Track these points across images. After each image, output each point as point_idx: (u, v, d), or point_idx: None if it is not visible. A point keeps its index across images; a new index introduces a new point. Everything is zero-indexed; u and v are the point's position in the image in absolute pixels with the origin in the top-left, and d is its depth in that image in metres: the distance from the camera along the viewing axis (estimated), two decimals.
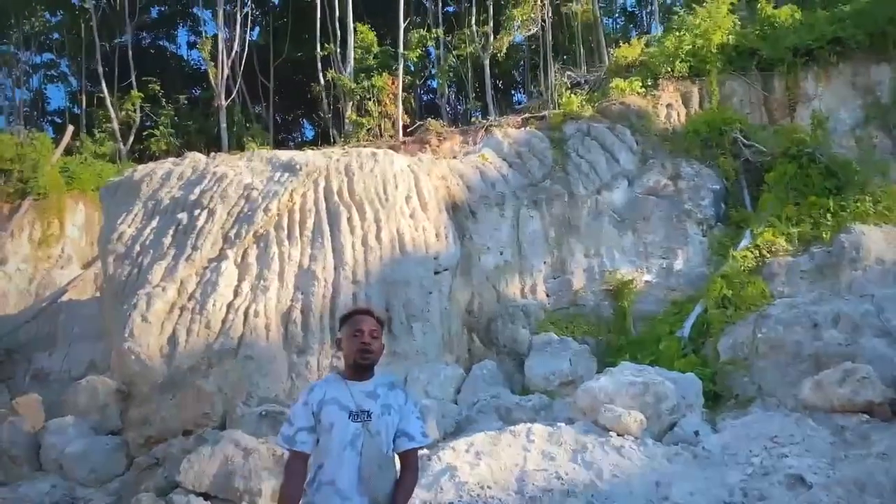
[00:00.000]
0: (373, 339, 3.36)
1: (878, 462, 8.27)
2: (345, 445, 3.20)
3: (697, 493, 8.34)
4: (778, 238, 14.51)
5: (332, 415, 3.24)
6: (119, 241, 14.40)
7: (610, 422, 9.80)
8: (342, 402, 3.26)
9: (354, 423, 3.23)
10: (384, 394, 3.36)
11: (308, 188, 14.43)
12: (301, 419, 3.29)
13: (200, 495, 9.87)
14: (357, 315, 3.47)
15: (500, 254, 15.59)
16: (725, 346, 12.90)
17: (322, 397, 3.28)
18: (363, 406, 3.27)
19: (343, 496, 3.15)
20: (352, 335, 3.34)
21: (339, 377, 3.39)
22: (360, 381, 3.35)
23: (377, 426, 3.27)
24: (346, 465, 3.19)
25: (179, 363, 12.51)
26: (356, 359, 3.33)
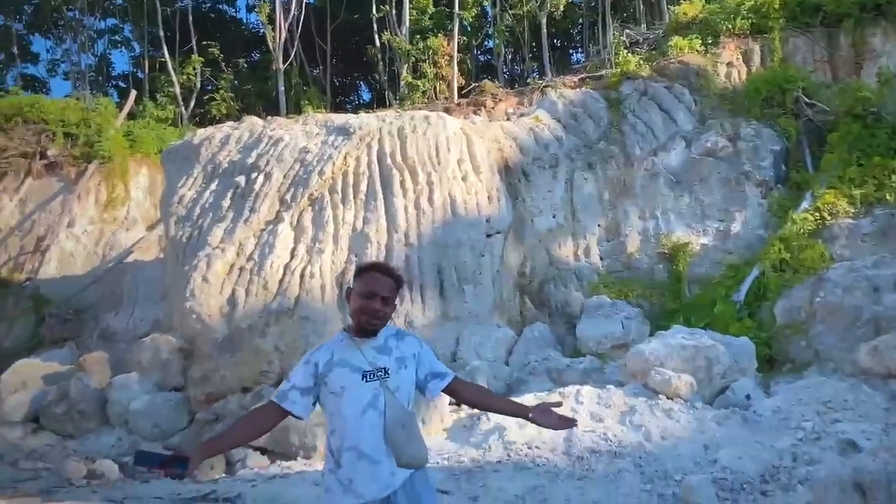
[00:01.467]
0: (384, 305, 3.11)
1: None
2: (363, 408, 2.98)
3: (746, 457, 8.31)
4: (840, 200, 14.13)
5: (342, 378, 3.02)
6: (180, 203, 14.80)
7: (660, 385, 9.81)
8: (353, 363, 3.04)
9: (370, 383, 3.01)
10: (395, 346, 3.16)
11: (361, 151, 14.56)
12: (299, 378, 3.09)
13: (257, 450, 10.25)
14: (373, 273, 3.18)
15: (552, 216, 15.54)
16: (782, 310, 12.70)
17: (329, 358, 3.06)
18: (378, 363, 3.06)
19: (371, 460, 2.96)
20: (363, 295, 3.08)
21: (346, 335, 3.16)
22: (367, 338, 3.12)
23: (395, 382, 3.06)
24: (368, 427, 2.98)
25: (238, 322, 12.87)
26: (362, 323, 3.10)
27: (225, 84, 28.27)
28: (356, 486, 2.94)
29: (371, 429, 2.97)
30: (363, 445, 2.96)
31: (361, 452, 2.95)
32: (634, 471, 8.28)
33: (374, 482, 2.95)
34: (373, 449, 2.95)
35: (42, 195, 20.22)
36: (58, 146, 20.44)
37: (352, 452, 2.96)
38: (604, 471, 8.30)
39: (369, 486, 2.93)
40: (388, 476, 2.97)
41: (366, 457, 2.95)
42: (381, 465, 2.96)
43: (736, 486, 7.89)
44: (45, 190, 20.32)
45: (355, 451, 2.95)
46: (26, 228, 19.78)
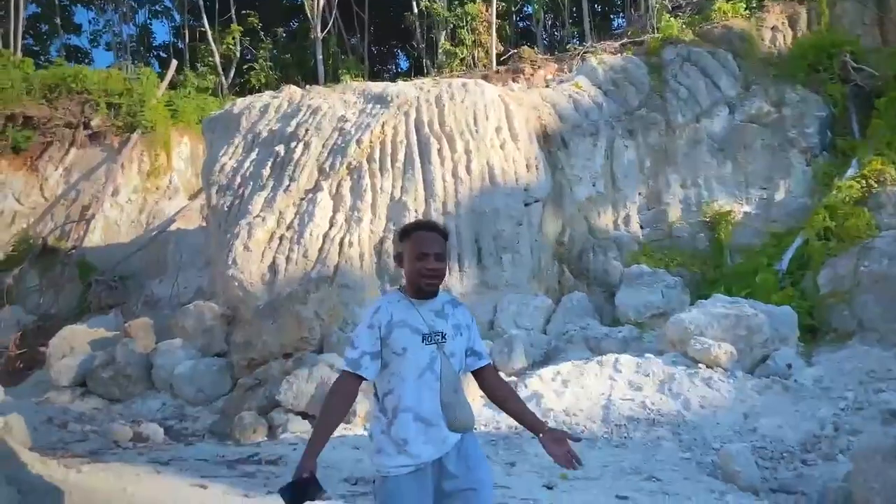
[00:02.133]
0: (439, 262, 3.08)
1: None
2: (422, 370, 2.99)
3: (786, 426, 8.27)
4: (887, 167, 13.76)
5: (404, 338, 2.99)
6: (221, 172, 14.97)
7: (699, 354, 9.75)
8: (413, 325, 3.01)
9: (429, 346, 3.00)
10: (451, 312, 3.13)
11: (399, 120, 14.55)
12: (366, 343, 3.02)
13: (298, 414, 10.43)
14: (423, 232, 3.12)
15: (592, 185, 15.41)
16: (826, 279, 12.49)
17: (390, 319, 3.01)
18: (436, 327, 3.04)
19: (428, 422, 2.97)
20: (416, 257, 3.04)
21: (402, 295, 3.12)
22: (425, 300, 3.09)
23: (451, 347, 3.06)
24: (426, 390, 2.99)
25: (279, 290, 13.04)
26: (420, 285, 3.06)
27: (264, 53, 28.37)
28: (410, 448, 2.95)
29: (428, 391, 2.99)
30: (420, 407, 2.97)
31: (418, 414, 2.97)
32: (672, 439, 8.29)
33: (428, 444, 2.96)
34: (429, 411, 2.97)
35: (86, 165, 20.58)
36: (101, 116, 20.74)
37: (408, 413, 2.97)
38: (641, 438, 8.33)
39: (423, 448, 2.95)
40: (441, 439, 2.99)
41: (422, 419, 2.97)
42: (436, 428, 2.98)
43: (776, 455, 7.87)
44: (90, 160, 20.67)
45: (412, 412, 2.97)
46: (71, 198, 20.17)
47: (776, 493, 7.05)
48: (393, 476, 2.94)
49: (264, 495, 6.01)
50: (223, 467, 7.26)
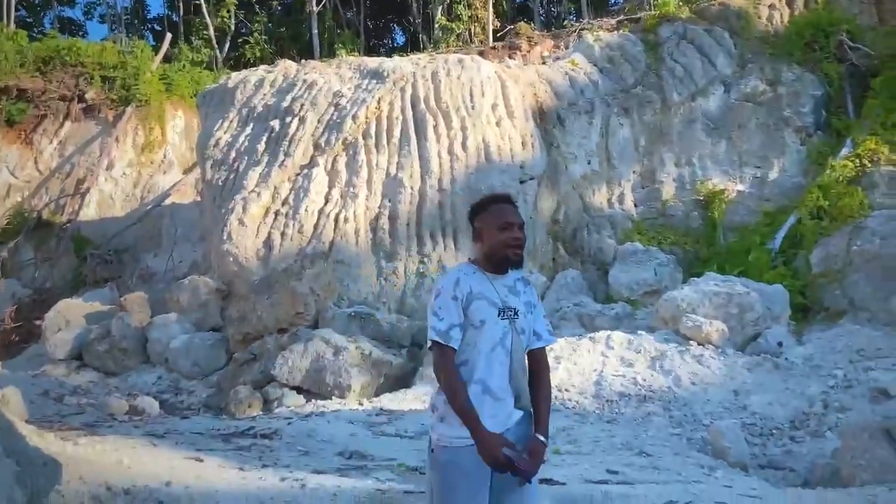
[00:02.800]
0: (521, 231, 3.10)
1: None
2: (495, 344, 2.99)
3: (776, 403, 8.39)
4: (881, 146, 13.80)
5: (482, 311, 3.00)
6: (216, 147, 14.94)
7: (691, 331, 9.85)
8: (490, 298, 3.02)
9: (503, 321, 3.02)
10: (523, 290, 3.15)
11: (395, 96, 14.51)
12: (453, 314, 3.00)
13: (293, 388, 10.53)
14: (501, 204, 3.15)
15: (587, 162, 15.41)
16: (818, 259, 12.57)
17: (469, 290, 3.01)
18: (509, 303, 3.05)
19: (495, 397, 2.97)
20: (500, 227, 3.04)
21: (477, 269, 3.10)
22: (499, 275, 3.10)
23: (522, 324, 3.06)
24: (497, 364, 2.99)
25: (275, 265, 13.08)
26: (508, 255, 3.05)
27: (259, 27, 28.21)
28: None
29: (500, 366, 2.99)
30: (490, 381, 2.97)
31: (487, 387, 2.96)
32: (663, 414, 8.40)
33: (493, 418, 2.94)
34: (498, 386, 2.97)
35: (81, 138, 20.51)
36: (95, 89, 20.64)
37: (478, 386, 2.96)
38: (632, 414, 8.43)
39: (488, 422, 2.91)
40: (506, 415, 2.99)
41: (490, 392, 2.96)
42: (503, 403, 2.98)
43: (765, 432, 7.98)
44: (84, 133, 20.59)
45: (482, 385, 2.96)
46: (66, 171, 20.12)
47: (765, 468, 7.17)
48: (455, 447, 2.93)
49: (259, 468, 6.06)
50: (218, 441, 7.32)
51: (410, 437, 7.78)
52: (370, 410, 9.22)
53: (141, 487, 5.03)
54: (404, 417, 8.80)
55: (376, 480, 5.75)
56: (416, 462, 6.49)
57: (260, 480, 5.66)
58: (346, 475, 5.93)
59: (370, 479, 5.80)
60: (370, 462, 6.61)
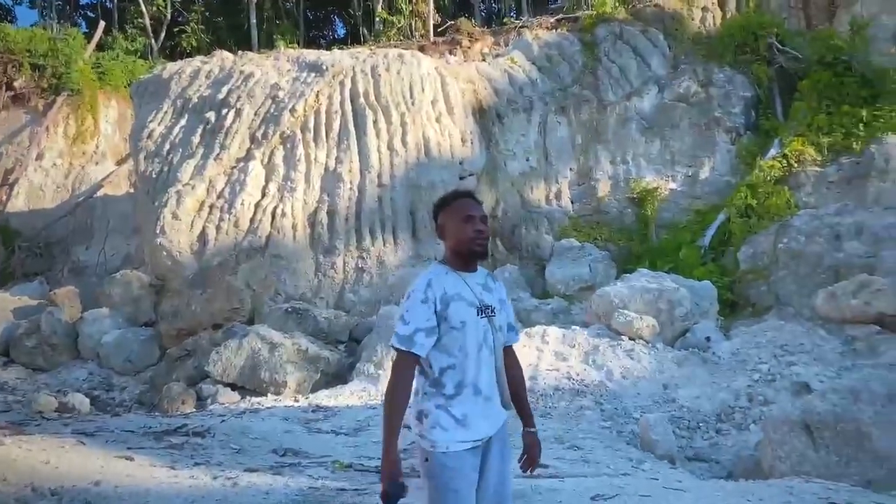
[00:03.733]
0: (484, 224, 3.02)
1: (881, 372, 8.45)
2: (480, 344, 2.92)
3: (703, 397, 8.64)
4: (807, 148, 14.31)
5: (461, 311, 2.90)
6: (149, 138, 14.65)
7: (622, 326, 10.06)
8: (467, 298, 2.93)
9: (482, 319, 2.94)
10: (494, 286, 3.09)
11: (334, 89, 14.44)
12: (420, 318, 2.88)
13: (228, 385, 10.42)
14: (462, 199, 3.09)
15: (525, 160, 15.58)
16: (746, 256, 12.96)
17: (444, 292, 2.89)
18: (485, 301, 2.97)
19: (486, 397, 2.93)
20: (462, 221, 2.97)
21: (447, 268, 3.00)
22: (470, 273, 3.02)
23: (499, 321, 3.01)
24: (484, 364, 2.93)
25: (209, 259, 12.92)
26: (471, 247, 2.97)
27: (196, 16, 27.65)
28: (470, 423, 2.89)
29: (486, 366, 2.94)
30: (480, 382, 2.92)
31: (478, 388, 2.91)
32: (595, 408, 8.58)
33: (486, 419, 2.92)
34: (487, 386, 2.94)
35: (9, 127, 19.86)
36: (25, 77, 19.99)
37: (470, 388, 2.90)
38: (566, 408, 8.58)
39: (481, 424, 2.91)
40: (496, 414, 2.98)
41: (481, 393, 2.92)
42: (493, 403, 2.96)
43: (692, 424, 8.22)
44: (13, 122, 19.94)
45: (473, 386, 2.91)
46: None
47: (691, 460, 7.40)
48: (452, 451, 2.86)
49: (191, 467, 6.00)
50: (150, 439, 7.20)
51: (346, 433, 7.79)
52: (306, 407, 9.18)
53: (68, 488, 4.95)
54: (340, 414, 8.80)
55: (310, 478, 5.75)
56: (350, 458, 6.51)
57: (191, 479, 5.61)
58: (279, 473, 5.91)
59: (304, 476, 5.80)
60: (305, 459, 6.59)
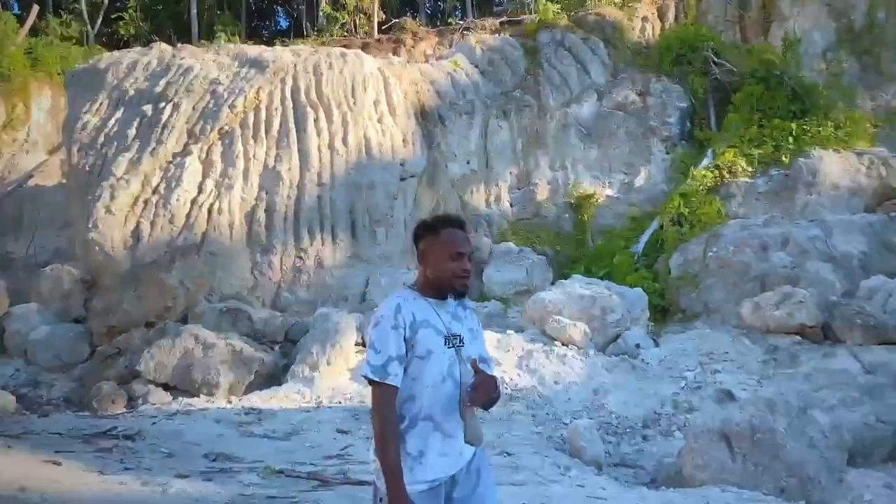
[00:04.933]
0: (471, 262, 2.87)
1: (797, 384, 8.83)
2: (444, 376, 2.75)
3: (631, 403, 8.89)
4: (739, 159, 14.78)
5: (429, 340, 2.75)
6: (84, 130, 14.30)
7: (556, 332, 10.26)
8: (436, 326, 2.79)
9: (449, 350, 2.79)
10: (465, 315, 2.93)
11: (275, 86, 14.31)
12: (392, 346, 2.72)
13: (160, 385, 10.27)
14: (453, 230, 2.89)
15: (466, 163, 15.71)
16: (677, 263, 13.32)
17: (413, 319, 2.75)
18: (453, 330, 2.83)
19: (445, 433, 2.75)
20: (451, 257, 2.80)
21: (416, 294, 2.86)
22: (440, 300, 2.86)
23: (468, 352, 2.83)
24: (445, 397, 2.75)
25: (143, 256, 12.69)
26: (455, 286, 2.83)
27: (134, 3, 26.98)
28: (426, 460, 2.73)
29: (448, 399, 2.76)
30: (439, 416, 2.74)
31: (438, 424, 2.74)
32: (527, 413, 8.74)
33: (444, 457, 2.75)
34: (447, 420, 2.75)
35: None
36: None
37: (428, 423, 2.73)
38: (498, 413, 8.70)
39: (439, 461, 2.74)
40: (457, 453, 2.78)
41: (441, 429, 2.74)
42: (454, 440, 2.76)
43: (620, 430, 8.45)
44: None
45: (431, 421, 2.74)
46: None
47: (618, 466, 7.60)
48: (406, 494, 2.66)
49: (121, 472, 5.95)
50: (79, 442, 7.10)
51: (279, 438, 7.78)
52: (239, 409, 9.13)
53: None
54: (274, 416, 8.78)
55: (241, 485, 5.75)
56: (282, 464, 6.52)
57: (121, 486, 5.58)
58: (210, 479, 5.91)
59: (235, 483, 5.80)
60: (237, 464, 6.58)
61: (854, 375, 8.98)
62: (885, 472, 6.70)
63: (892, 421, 7.72)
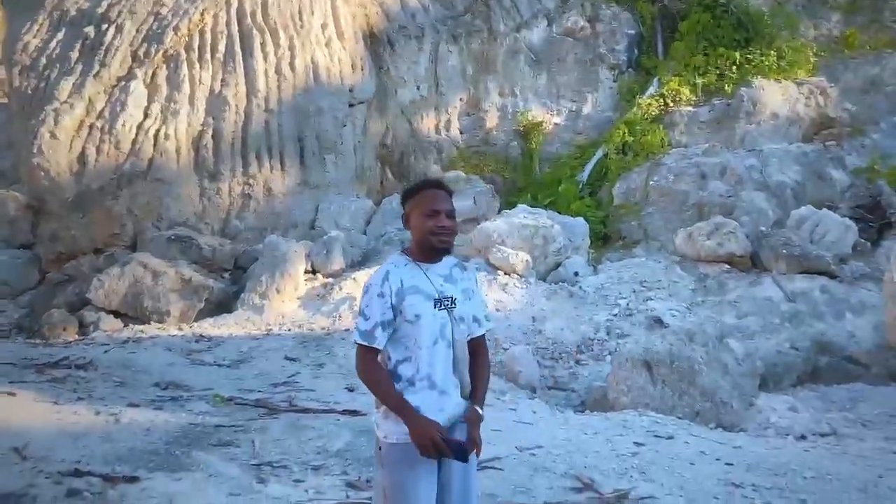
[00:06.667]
0: (450, 219, 2.96)
1: (725, 311, 9.37)
2: (435, 338, 2.89)
3: (567, 329, 9.35)
4: (683, 88, 15.03)
5: (416, 305, 2.88)
6: (24, 52, 13.93)
7: (499, 261, 10.61)
8: (424, 290, 2.91)
9: (441, 312, 2.91)
10: (460, 277, 3.04)
11: (220, 8, 14.01)
12: (377, 312, 2.88)
13: (111, 312, 10.44)
14: (428, 190, 3.00)
15: (416, 88, 15.70)
16: (620, 192, 13.70)
17: (400, 286, 2.90)
18: (445, 292, 2.94)
19: (441, 391, 2.87)
20: (426, 214, 2.91)
21: (408, 259, 2.99)
22: (432, 263, 2.97)
23: (461, 312, 2.96)
24: (439, 358, 2.89)
25: (89, 182, 12.62)
26: (433, 243, 2.92)
27: None
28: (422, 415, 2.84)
29: (442, 360, 2.90)
30: (434, 375, 2.88)
31: (433, 382, 2.88)
32: None
33: (441, 413, 2.85)
34: (442, 380, 2.89)
35: None
36: None
37: (423, 382, 2.88)
38: None
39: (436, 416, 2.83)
40: (453, 407, 2.91)
41: (436, 387, 2.88)
42: (449, 397, 2.90)
43: (555, 355, 8.92)
44: None
45: (427, 380, 2.88)
46: None
47: (551, 390, 8.09)
48: (403, 443, 2.83)
49: (74, 402, 6.17)
50: (32, 372, 7.28)
51: (227, 365, 8.08)
52: (189, 337, 9.38)
53: None
54: (224, 344, 9.05)
55: (190, 413, 6.03)
56: (230, 392, 6.82)
57: (74, 415, 5.80)
58: (160, 408, 6.16)
59: (184, 412, 6.07)
60: (186, 392, 6.85)
61: (777, 303, 9.56)
62: (792, 395, 7.27)
63: (804, 347, 8.31)
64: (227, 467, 4.72)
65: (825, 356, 8.49)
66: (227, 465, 4.76)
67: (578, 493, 4.43)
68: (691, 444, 5.52)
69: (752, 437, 5.96)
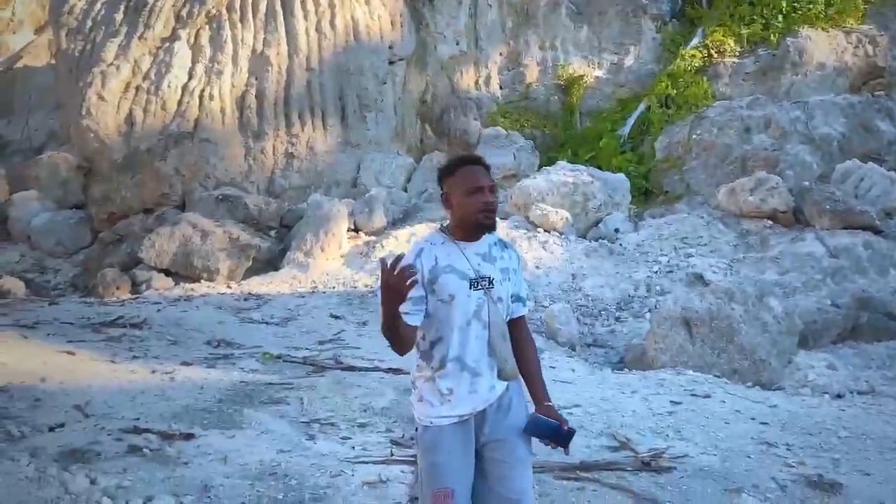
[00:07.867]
0: (493, 195, 2.85)
1: (767, 268, 9.34)
2: (469, 318, 2.80)
3: (606, 286, 9.43)
4: (727, 38, 14.73)
5: (451, 284, 2.79)
6: (70, 14, 14.20)
7: (538, 219, 10.69)
8: (460, 270, 2.82)
9: (476, 292, 2.82)
10: (499, 255, 2.93)
11: None
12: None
13: (162, 271, 10.79)
14: (468, 167, 2.89)
15: (455, 43, 15.64)
16: (662, 145, 13.57)
17: (434, 264, 2.81)
18: (482, 272, 2.85)
19: (473, 372, 2.80)
20: (469, 192, 2.80)
21: (445, 237, 2.89)
22: (470, 242, 2.87)
23: (499, 293, 2.87)
24: (473, 338, 2.81)
25: (137, 143, 12.92)
26: (479, 220, 2.82)
27: None
28: (455, 398, 2.81)
29: (476, 340, 2.83)
30: (467, 357, 2.82)
31: (465, 364, 2.82)
32: None
33: (474, 394, 2.82)
34: (476, 361, 2.83)
35: None
36: None
37: (456, 363, 2.81)
38: None
39: (468, 399, 2.81)
40: (487, 390, 2.84)
41: (468, 368, 2.82)
42: (482, 378, 2.83)
43: (595, 312, 9.03)
44: None
45: (459, 361, 2.81)
46: None
47: (591, 347, 8.21)
48: (435, 426, 2.81)
49: (130, 360, 6.48)
50: (89, 331, 7.61)
51: (276, 323, 8.35)
52: (238, 295, 9.67)
53: (17, 385, 5.37)
54: (271, 301, 9.33)
55: (241, 371, 6.30)
56: (279, 350, 7.08)
57: (131, 374, 6.09)
58: (213, 366, 6.44)
59: (236, 369, 6.34)
60: (237, 350, 7.14)
61: (819, 259, 9.47)
62: (832, 353, 7.30)
63: (845, 304, 8.29)
64: (277, 424, 4.95)
65: (866, 312, 8.44)
66: (278, 423, 4.98)
67: (615, 452, 4.57)
68: (727, 402, 5.61)
69: (788, 396, 6.03)
